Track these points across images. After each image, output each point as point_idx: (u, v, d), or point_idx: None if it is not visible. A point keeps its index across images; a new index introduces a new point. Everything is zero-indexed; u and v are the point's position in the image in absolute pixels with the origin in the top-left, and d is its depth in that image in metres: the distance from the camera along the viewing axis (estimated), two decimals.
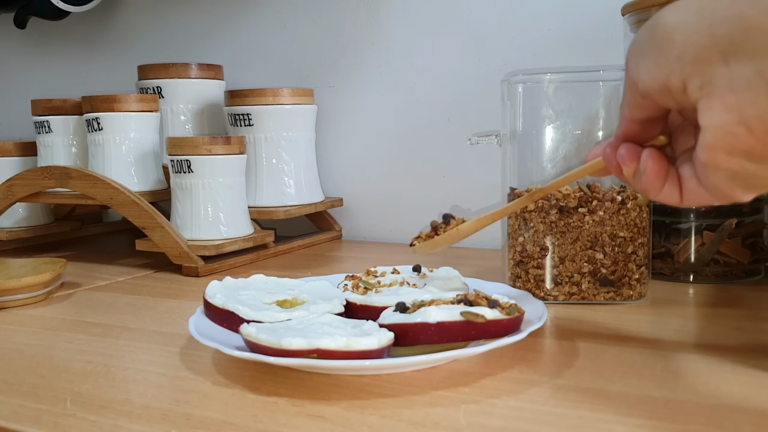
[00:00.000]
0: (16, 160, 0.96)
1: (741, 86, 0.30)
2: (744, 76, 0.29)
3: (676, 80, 0.32)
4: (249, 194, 0.89)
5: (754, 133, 0.30)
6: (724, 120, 0.31)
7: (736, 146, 0.31)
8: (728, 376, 0.43)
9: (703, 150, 0.33)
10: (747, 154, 0.31)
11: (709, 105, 0.31)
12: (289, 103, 0.89)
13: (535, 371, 0.45)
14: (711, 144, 0.32)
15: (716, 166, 0.33)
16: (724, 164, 0.32)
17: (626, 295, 0.60)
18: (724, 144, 0.31)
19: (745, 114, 0.30)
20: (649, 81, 0.34)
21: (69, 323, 0.60)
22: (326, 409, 0.39)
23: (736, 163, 0.32)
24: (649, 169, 0.37)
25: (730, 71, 0.30)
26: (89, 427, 0.38)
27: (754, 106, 0.29)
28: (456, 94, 0.93)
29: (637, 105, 0.37)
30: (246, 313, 0.49)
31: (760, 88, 0.29)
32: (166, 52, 1.13)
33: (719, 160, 0.32)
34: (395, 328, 0.45)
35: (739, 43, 0.29)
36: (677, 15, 0.32)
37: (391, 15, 0.96)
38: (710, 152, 0.32)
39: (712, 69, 0.30)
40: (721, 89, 0.30)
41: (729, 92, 0.30)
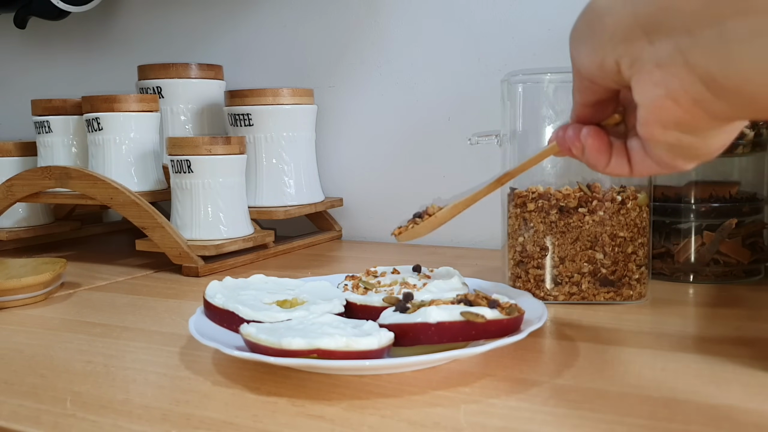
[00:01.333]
0: (16, 160, 0.96)
1: (664, 62, 0.31)
2: (666, 52, 0.31)
3: (610, 61, 0.34)
4: (249, 194, 0.89)
5: (681, 104, 0.32)
6: (653, 95, 0.32)
7: (667, 119, 0.33)
8: (728, 376, 0.43)
9: (640, 125, 0.35)
10: (679, 126, 0.33)
11: (640, 81, 0.33)
12: (289, 103, 0.89)
13: (535, 371, 0.45)
14: (645, 119, 0.34)
15: (655, 139, 0.35)
16: (661, 138, 0.34)
17: (626, 295, 0.60)
18: (656, 118, 0.33)
19: (670, 87, 0.31)
20: (588, 65, 0.36)
21: (69, 323, 0.60)
22: (326, 409, 0.39)
23: (671, 135, 0.34)
24: (589, 145, 0.40)
25: (654, 48, 0.31)
26: (89, 427, 0.38)
27: (676, 79, 0.31)
28: (456, 94, 0.93)
29: (585, 89, 0.38)
30: (246, 313, 0.49)
31: (680, 62, 0.30)
32: (166, 52, 1.13)
33: (656, 133, 0.34)
34: (395, 328, 0.45)
35: (658, 21, 0.31)
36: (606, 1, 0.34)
37: (391, 15, 0.96)
38: (646, 127, 0.34)
39: (638, 47, 0.32)
40: (647, 65, 0.32)
41: (655, 68, 0.32)
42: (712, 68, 0.29)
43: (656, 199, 0.69)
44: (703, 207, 0.68)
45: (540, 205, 0.60)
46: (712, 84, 0.30)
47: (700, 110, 0.31)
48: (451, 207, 0.52)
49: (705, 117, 0.32)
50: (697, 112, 0.32)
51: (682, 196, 0.69)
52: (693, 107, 0.31)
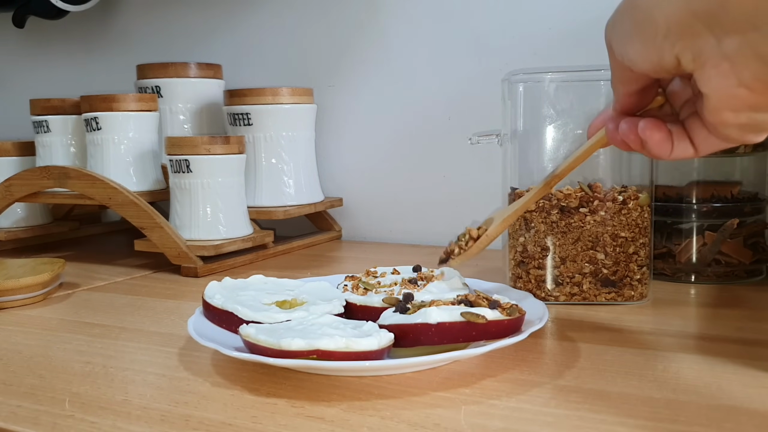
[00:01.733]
0: (14, 160, 0.96)
1: (732, 54, 0.31)
2: (733, 46, 0.31)
3: (669, 58, 0.34)
4: (248, 194, 0.89)
5: (754, 90, 0.32)
6: (723, 84, 0.32)
7: (740, 104, 0.33)
8: (730, 376, 0.43)
9: (710, 113, 0.35)
10: (752, 107, 0.33)
11: (706, 74, 0.33)
12: (288, 102, 0.89)
13: (535, 372, 0.45)
14: (716, 107, 0.34)
15: (726, 123, 0.35)
16: (733, 120, 0.34)
17: (627, 296, 0.60)
18: (728, 105, 0.33)
19: (742, 77, 0.32)
20: (642, 63, 0.35)
21: (68, 324, 0.59)
22: (326, 411, 0.39)
23: (744, 116, 0.34)
24: (652, 139, 0.39)
25: (718, 42, 0.31)
26: (88, 428, 0.38)
27: (748, 69, 0.31)
28: (456, 94, 0.93)
29: (629, 79, 0.38)
30: (245, 313, 0.48)
31: (750, 54, 0.31)
32: (165, 52, 1.13)
33: (727, 118, 0.34)
34: (395, 328, 0.45)
35: (720, 17, 0.31)
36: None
37: (391, 14, 0.96)
38: (717, 114, 0.34)
39: (701, 41, 0.32)
40: (713, 59, 0.32)
41: (722, 61, 0.32)
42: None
43: (658, 199, 0.69)
44: (704, 207, 0.68)
45: (541, 205, 0.60)
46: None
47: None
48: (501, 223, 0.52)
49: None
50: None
51: (683, 196, 0.69)
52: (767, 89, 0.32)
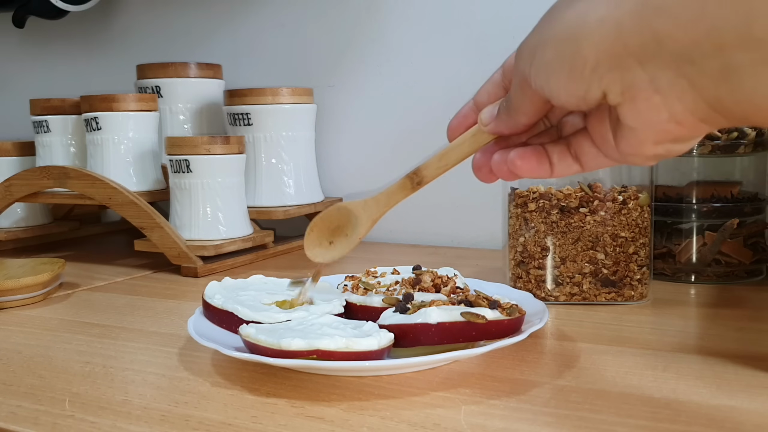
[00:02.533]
0: (14, 160, 0.95)
1: (665, 88, 0.30)
2: (666, 79, 0.30)
3: (595, 92, 0.32)
4: (248, 194, 0.89)
5: (684, 125, 0.31)
6: (653, 119, 0.31)
7: (665, 138, 0.32)
8: (730, 377, 0.43)
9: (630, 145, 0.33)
10: (676, 140, 0.32)
11: (636, 108, 0.31)
12: (288, 102, 0.89)
13: (536, 372, 0.45)
14: (640, 140, 0.33)
15: (642, 154, 0.34)
16: (650, 152, 0.33)
17: (627, 296, 0.60)
18: (653, 138, 0.32)
19: (674, 110, 0.30)
20: (565, 96, 0.33)
21: (67, 324, 0.59)
22: (326, 411, 0.39)
23: (662, 148, 0.33)
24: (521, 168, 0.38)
25: (649, 75, 0.30)
26: (88, 428, 0.38)
27: (681, 102, 0.30)
28: (456, 94, 0.93)
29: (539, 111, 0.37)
30: (245, 313, 0.48)
31: (684, 87, 0.29)
32: (165, 52, 1.13)
33: (647, 150, 0.33)
34: (395, 328, 0.45)
35: (653, 51, 0.29)
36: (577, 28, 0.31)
37: (391, 14, 0.96)
38: (639, 146, 0.33)
39: (631, 74, 0.30)
40: (645, 92, 0.30)
41: (654, 94, 0.30)
42: (721, 93, 0.28)
43: (658, 199, 0.69)
44: (704, 207, 0.68)
45: (541, 205, 0.60)
46: (718, 106, 0.29)
47: (704, 125, 0.31)
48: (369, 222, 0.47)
49: (706, 129, 0.31)
50: (700, 127, 0.31)
51: (683, 196, 0.69)
52: (697, 124, 0.31)
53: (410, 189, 0.46)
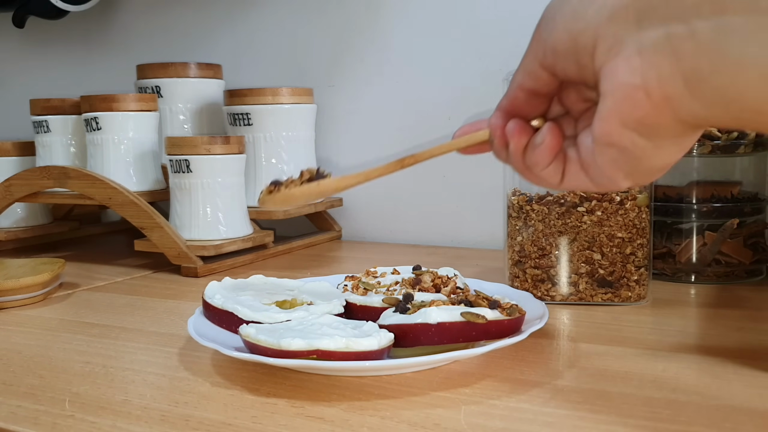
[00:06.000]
0: (14, 160, 0.95)
1: (648, 49, 0.30)
2: (653, 38, 0.29)
3: (588, 37, 0.32)
4: (248, 194, 0.89)
5: (652, 97, 0.30)
6: (626, 82, 0.31)
7: (632, 114, 0.31)
8: (730, 377, 0.43)
9: (600, 120, 0.32)
10: (640, 125, 0.31)
11: (614, 67, 0.31)
12: (288, 102, 0.89)
13: (535, 372, 0.45)
14: (608, 111, 0.32)
15: (609, 139, 0.33)
16: (616, 138, 0.32)
17: (624, 297, 0.60)
18: (620, 110, 0.31)
19: (646, 76, 0.30)
20: (561, 33, 0.33)
21: (67, 324, 0.59)
22: (326, 411, 0.39)
23: (627, 137, 0.32)
24: (547, 142, 0.37)
25: (641, 33, 0.30)
26: (88, 428, 0.38)
27: (656, 69, 0.30)
28: (456, 94, 0.93)
29: (533, 72, 0.36)
30: (245, 313, 0.48)
31: (666, 51, 0.29)
32: (165, 52, 1.13)
33: (613, 132, 0.32)
34: (395, 328, 0.45)
35: (655, 6, 0.29)
36: None
37: (391, 14, 0.96)
38: (606, 122, 0.32)
39: (624, 29, 0.30)
40: (627, 51, 0.30)
41: (635, 55, 0.30)
42: (702, 61, 0.28)
43: (657, 199, 0.69)
44: (704, 207, 0.68)
45: (541, 204, 0.60)
46: (693, 79, 0.29)
47: (669, 108, 0.30)
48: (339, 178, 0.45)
49: (670, 117, 0.31)
50: (665, 109, 0.30)
51: (683, 196, 0.69)
52: (663, 103, 0.30)
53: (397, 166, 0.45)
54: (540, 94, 0.37)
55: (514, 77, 0.38)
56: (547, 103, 0.38)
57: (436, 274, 0.55)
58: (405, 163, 0.44)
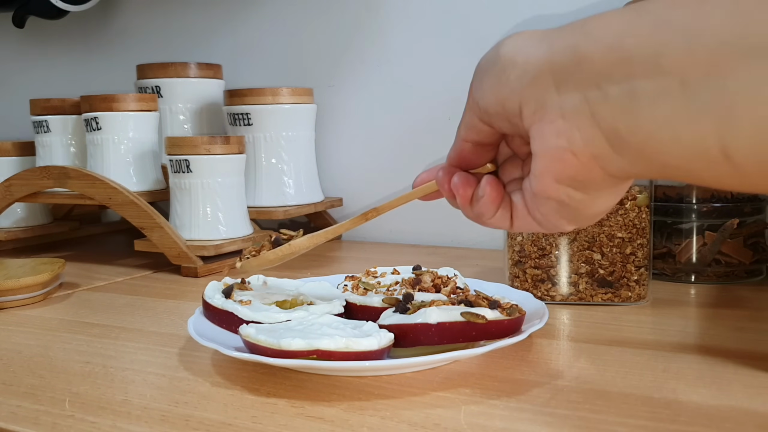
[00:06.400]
0: (14, 160, 0.96)
1: (569, 113, 0.31)
2: (572, 103, 0.31)
3: (513, 103, 0.33)
4: (248, 194, 0.89)
5: (579, 157, 0.32)
6: (554, 144, 0.32)
7: (563, 172, 0.33)
8: (730, 377, 0.43)
9: (535, 178, 0.34)
10: (573, 181, 0.33)
11: (541, 130, 0.32)
12: (288, 102, 0.89)
13: (536, 372, 0.45)
14: (541, 170, 0.33)
15: (546, 194, 0.34)
16: (552, 192, 0.34)
17: (624, 297, 0.60)
18: (552, 170, 0.33)
19: (571, 138, 0.31)
20: (489, 98, 0.35)
21: (67, 324, 0.59)
22: (326, 411, 0.39)
23: (563, 192, 0.33)
24: (488, 194, 0.38)
25: (561, 98, 0.31)
26: (88, 428, 0.38)
27: (579, 131, 0.31)
28: (456, 94, 0.92)
29: (474, 127, 0.38)
30: (245, 313, 0.48)
31: (586, 114, 0.30)
32: (165, 52, 1.13)
33: (548, 188, 0.34)
34: (395, 328, 0.45)
35: (571, 72, 0.31)
36: (521, 40, 0.34)
37: (391, 14, 0.96)
38: (541, 180, 0.34)
39: (545, 94, 0.32)
40: (551, 115, 0.32)
41: (559, 118, 0.31)
42: (618, 123, 0.30)
43: (657, 199, 0.69)
44: (704, 207, 0.68)
45: None
46: (614, 139, 0.30)
47: (597, 166, 0.32)
48: (308, 237, 0.49)
49: (600, 173, 0.32)
50: (594, 167, 0.32)
51: (683, 196, 0.69)
52: (591, 161, 0.31)
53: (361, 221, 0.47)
54: (485, 144, 0.39)
55: (458, 131, 0.39)
56: (494, 150, 0.40)
57: (436, 274, 0.55)
58: (368, 216, 0.47)
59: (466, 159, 0.40)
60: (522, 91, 0.33)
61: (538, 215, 0.36)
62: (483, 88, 0.35)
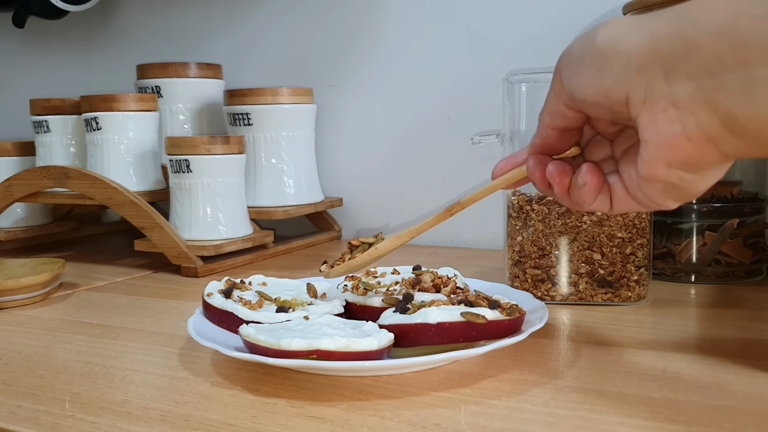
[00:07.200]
0: (14, 160, 0.96)
1: (683, 101, 0.31)
2: (685, 92, 0.31)
3: (619, 92, 0.33)
4: (248, 194, 0.89)
5: (694, 142, 0.32)
6: (668, 132, 0.32)
7: (676, 158, 0.33)
8: (730, 376, 0.43)
9: (644, 164, 0.34)
10: (686, 164, 0.33)
11: (652, 119, 0.32)
12: (288, 102, 0.89)
13: (536, 372, 0.45)
14: (652, 157, 0.33)
15: (656, 178, 0.34)
16: (663, 177, 0.34)
17: (624, 297, 0.60)
18: (665, 156, 0.33)
19: (687, 124, 0.31)
20: (589, 89, 0.35)
21: (67, 324, 0.59)
22: (326, 411, 0.39)
23: (674, 174, 0.34)
24: (590, 182, 0.38)
25: (671, 87, 0.31)
26: (88, 428, 0.38)
27: (694, 117, 0.31)
28: (456, 94, 0.93)
29: (560, 113, 0.38)
30: (245, 313, 0.48)
31: (701, 101, 0.31)
32: (165, 52, 1.13)
33: (659, 173, 0.34)
34: (395, 328, 0.45)
35: (680, 61, 0.31)
36: (617, 29, 0.33)
37: (391, 14, 0.96)
38: (651, 165, 0.34)
39: (655, 82, 0.32)
40: (662, 103, 0.32)
41: (671, 106, 0.32)
42: (735, 109, 0.30)
43: None
44: (704, 207, 0.68)
45: (540, 204, 0.60)
46: (731, 123, 0.30)
47: (713, 147, 0.32)
48: (393, 238, 0.50)
49: (715, 154, 0.32)
50: (709, 149, 0.32)
51: None
52: (706, 144, 0.32)
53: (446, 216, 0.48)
54: (570, 129, 0.39)
55: (541, 118, 0.39)
56: (578, 135, 0.40)
57: (436, 274, 0.55)
58: (453, 211, 0.48)
59: (552, 145, 0.40)
60: (628, 81, 0.33)
61: (641, 196, 0.36)
62: (581, 80, 0.35)
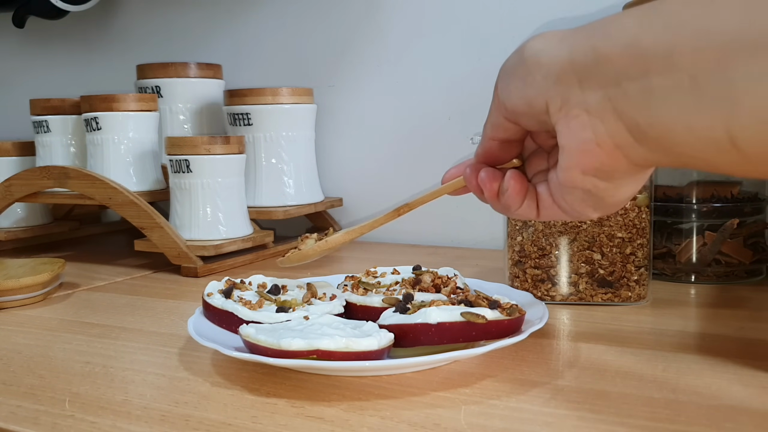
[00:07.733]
0: (14, 160, 0.95)
1: (593, 108, 0.33)
2: (595, 99, 0.33)
3: (540, 100, 0.35)
4: (248, 194, 0.89)
5: (603, 148, 0.34)
6: (580, 138, 0.34)
7: (589, 164, 0.35)
8: (730, 376, 0.43)
9: (562, 170, 0.36)
10: (598, 171, 0.35)
11: (567, 125, 0.34)
12: (288, 102, 0.89)
13: (535, 372, 0.45)
14: (569, 164, 0.36)
15: (573, 184, 0.36)
16: (579, 183, 0.36)
17: (624, 297, 0.60)
18: (578, 162, 0.35)
19: (596, 130, 0.33)
20: (516, 99, 0.37)
21: (67, 324, 0.59)
22: (326, 411, 0.39)
23: (589, 182, 0.36)
24: (512, 187, 0.41)
25: (584, 94, 0.33)
26: (88, 428, 0.38)
27: (604, 124, 0.33)
28: (456, 94, 0.93)
29: (500, 125, 0.40)
30: (245, 313, 0.48)
31: (608, 109, 0.33)
32: (165, 51, 1.13)
33: (575, 179, 0.36)
34: (395, 328, 0.45)
35: (592, 71, 0.33)
36: (543, 42, 0.36)
37: (391, 14, 0.96)
38: (568, 172, 0.36)
39: (570, 91, 0.34)
40: (575, 110, 0.34)
41: (583, 113, 0.34)
42: (638, 117, 0.32)
43: (658, 199, 0.69)
44: (704, 207, 0.68)
45: None
46: (635, 131, 0.32)
47: (621, 155, 0.34)
48: (344, 233, 0.51)
49: (624, 162, 0.34)
50: (618, 156, 0.34)
51: (683, 196, 0.69)
52: (615, 152, 0.34)
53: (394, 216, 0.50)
54: (511, 140, 0.41)
55: (484, 130, 0.42)
56: (520, 146, 0.42)
57: (436, 274, 0.55)
58: (401, 211, 0.50)
59: (494, 156, 0.42)
60: (548, 89, 0.35)
61: (563, 204, 0.38)
62: (509, 90, 0.37)
